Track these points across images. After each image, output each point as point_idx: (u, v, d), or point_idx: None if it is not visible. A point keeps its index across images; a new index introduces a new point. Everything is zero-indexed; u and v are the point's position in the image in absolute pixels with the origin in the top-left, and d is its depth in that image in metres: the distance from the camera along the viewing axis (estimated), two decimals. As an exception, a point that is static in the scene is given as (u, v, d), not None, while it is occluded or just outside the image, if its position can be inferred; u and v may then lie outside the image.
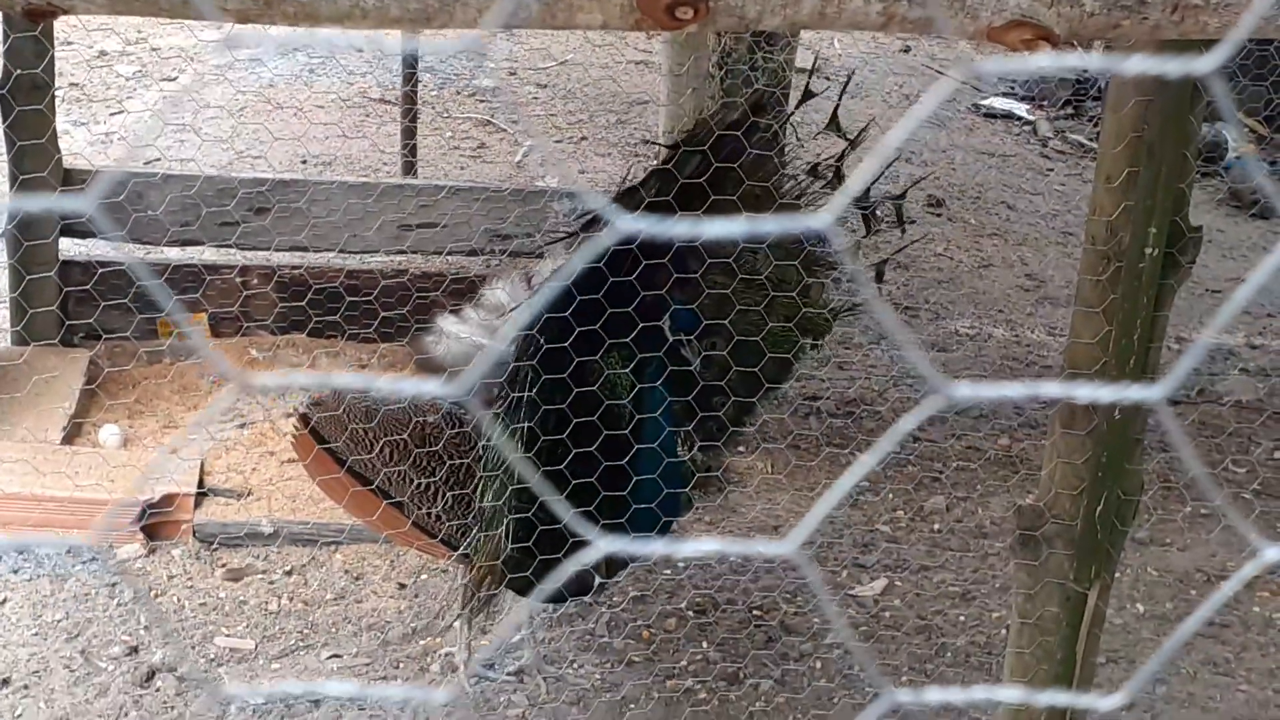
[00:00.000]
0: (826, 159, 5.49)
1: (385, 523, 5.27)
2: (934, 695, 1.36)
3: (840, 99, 5.67)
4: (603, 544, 1.46)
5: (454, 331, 5.40)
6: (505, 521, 4.99)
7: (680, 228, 1.38)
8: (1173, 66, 1.28)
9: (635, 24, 2.12)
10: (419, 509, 5.17)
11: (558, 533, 4.86)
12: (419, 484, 5.15)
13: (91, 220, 6.81)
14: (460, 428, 5.23)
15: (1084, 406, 4.02)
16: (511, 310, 5.29)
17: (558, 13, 2.11)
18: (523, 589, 5.12)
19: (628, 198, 5.12)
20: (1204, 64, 1.24)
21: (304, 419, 5.32)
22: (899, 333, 3.85)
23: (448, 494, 5.15)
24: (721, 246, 5.17)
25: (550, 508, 4.68)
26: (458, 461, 5.17)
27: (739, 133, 5.17)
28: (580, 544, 4.92)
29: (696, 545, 1.37)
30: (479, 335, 5.35)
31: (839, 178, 5.45)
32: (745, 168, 5.19)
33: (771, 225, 1.35)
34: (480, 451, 5.16)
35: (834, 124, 5.61)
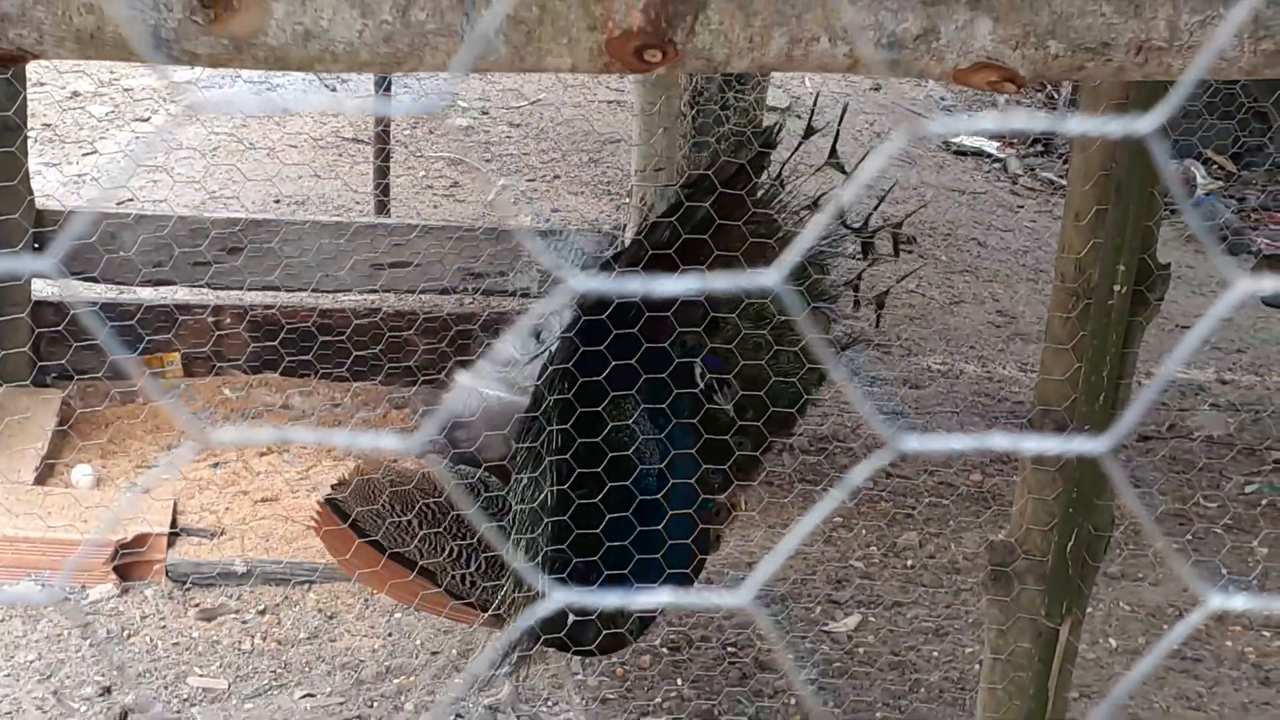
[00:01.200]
0: (826, 193, 5.52)
1: (414, 591, 5.23)
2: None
3: (838, 134, 5.70)
4: (558, 596, 1.47)
5: (470, 386, 5.41)
6: (538, 578, 4.97)
7: (634, 285, 1.39)
8: (1114, 127, 1.30)
9: (604, 67, 2.14)
10: (449, 575, 5.15)
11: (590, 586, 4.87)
12: (450, 549, 5.13)
13: (60, 270, 6.81)
14: (487, 491, 5.22)
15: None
16: (524, 362, 5.30)
17: (526, 56, 2.13)
18: (559, 645, 5.11)
19: (638, 247, 5.18)
20: (1145, 124, 1.26)
21: (332, 503, 5.24)
22: (852, 393, 3.88)
23: (479, 558, 5.13)
24: (727, 295, 5.18)
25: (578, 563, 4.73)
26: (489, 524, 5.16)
27: (748, 175, 5.20)
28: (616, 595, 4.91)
29: (651, 596, 1.38)
30: (495, 388, 5.36)
31: (841, 212, 5.48)
32: (752, 210, 5.23)
33: (721, 283, 1.37)
34: (507, 512, 5.14)
35: (833, 158, 5.63)
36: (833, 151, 5.65)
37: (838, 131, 5.76)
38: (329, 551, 5.35)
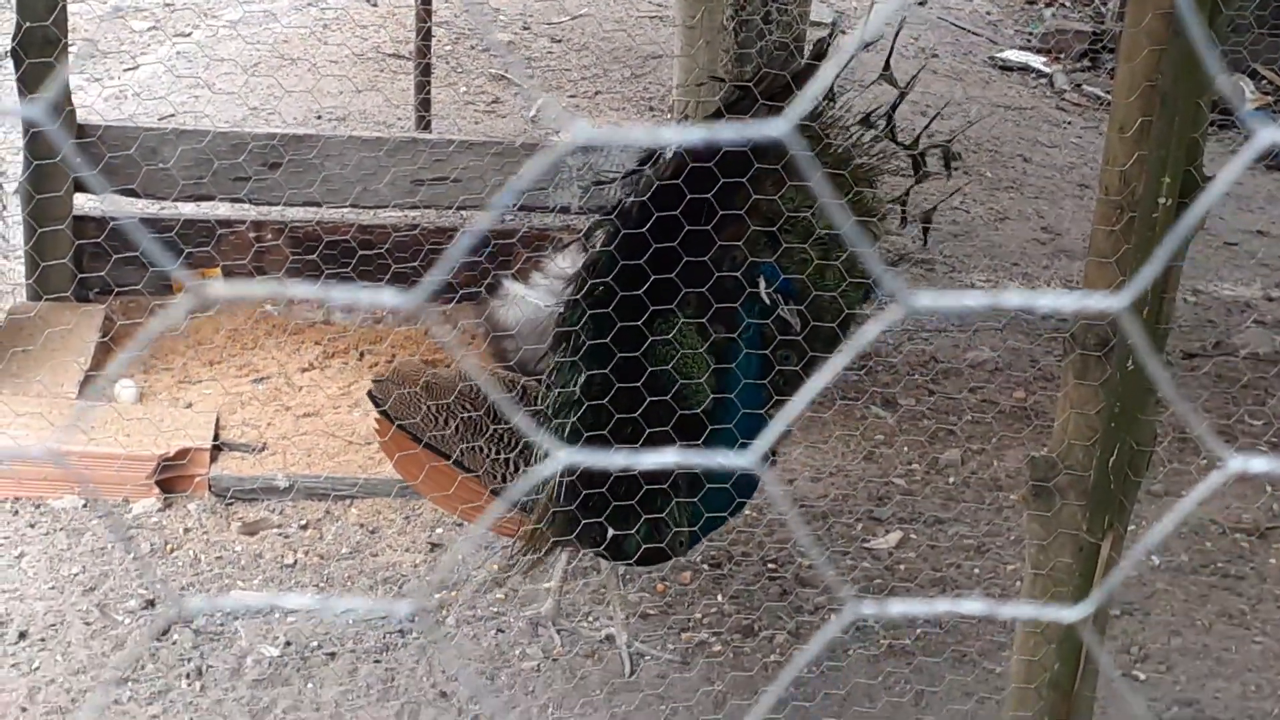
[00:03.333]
0: (878, 109, 5.46)
1: (460, 496, 5.26)
2: (897, 608, 1.36)
3: (892, 48, 5.63)
4: (562, 455, 1.46)
5: (521, 294, 5.41)
6: (565, 474, 4.95)
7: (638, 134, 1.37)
8: None
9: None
10: (494, 481, 5.16)
11: (630, 487, 4.88)
12: (494, 456, 5.15)
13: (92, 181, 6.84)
14: (509, 390, 5.23)
15: (1097, 357, 4.01)
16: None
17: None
18: (596, 547, 5.11)
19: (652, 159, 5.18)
20: None
21: (375, 401, 5.34)
22: (866, 256, 3.84)
23: (521, 466, 5.14)
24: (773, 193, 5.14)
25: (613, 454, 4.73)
26: (507, 423, 5.16)
27: (792, 88, 5.16)
28: (652, 501, 4.93)
29: (657, 457, 1.36)
30: (546, 299, 5.36)
31: (891, 127, 5.43)
32: (806, 125, 5.19)
33: (728, 133, 1.35)
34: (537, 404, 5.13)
35: (886, 72, 5.56)
36: (886, 65, 5.57)
37: (892, 46, 5.69)
38: (401, 473, 5.42)
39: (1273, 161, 10.34)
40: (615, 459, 1.52)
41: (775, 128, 1.30)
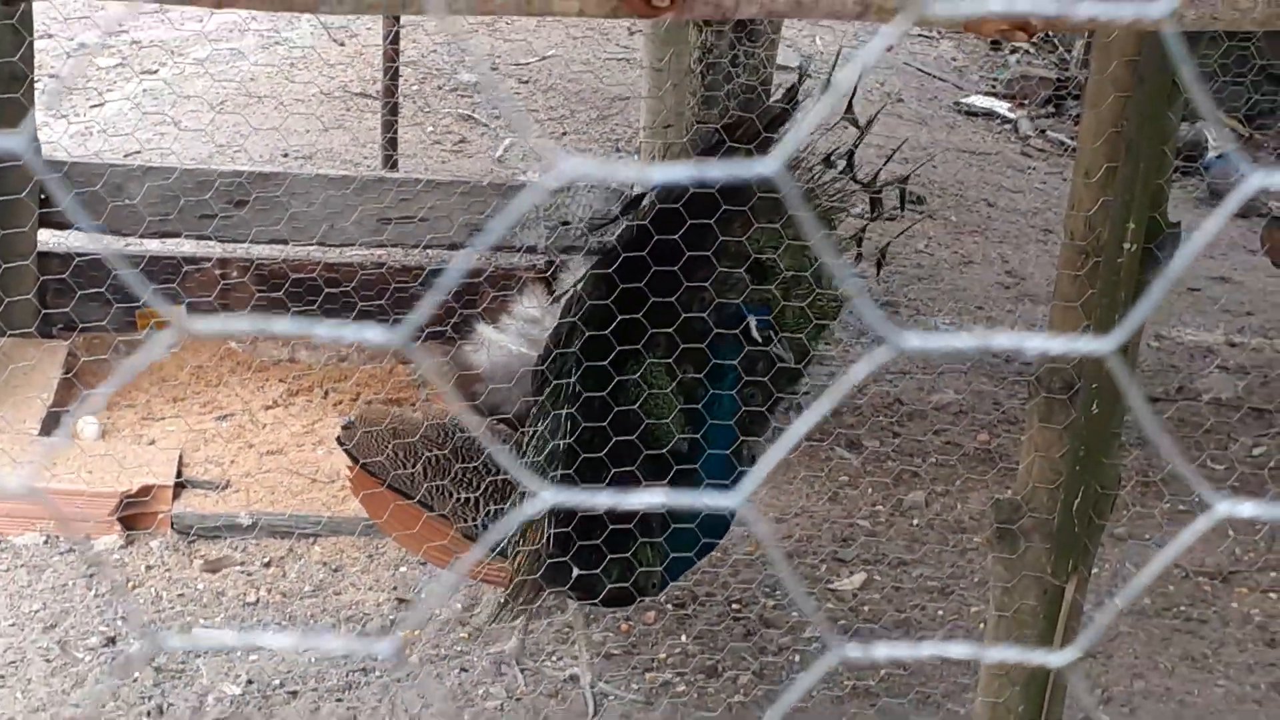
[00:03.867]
0: (838, 149, 5.50)
1: (427, 536, 5.27)
2: (882, 651, 1.36)
3: (854, 91, 5.66)
4: (546, 495, 1.47)
5: (494, 339, 5.42)
6: (545, 519, 4.98)
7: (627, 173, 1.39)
8: (1128, 12, 1.28)
9: (612, 11, 2.12)
10: (461, 521, 5.17)
11: (599, 528, 4.90)
12: (460, 497, 5.16)
13: (68, 211, 6.82)
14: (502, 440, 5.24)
15: (1061, 400, 4.03)
16: (545, 319, 5.32)
17: (534, 0, 2.11)
18: (562, 588, 5.12)
19: (633, 204, 5.23)
20: (1158, 9, 1.24)
21: (347, 437, 5.34)
22: (854, 294, 3.85)
23: (489, 506, 5.15)
24: (739, 230, 5.18)
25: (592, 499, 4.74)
26: (496, 478, 5.17)
27: (769, 130, 5.20)
28: (621, 542, 4.95)
29: (644, 496, 1.37)
30: (518, 344, 5.37)
31: (851, 167, 5.46)
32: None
33: (716, 171, 1.36)
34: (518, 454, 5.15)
35: (849, 114, 5.61)
36: (849, 108, 5.62)
37: (854, 88, 5.72)
38: (368, 510, 5.40)
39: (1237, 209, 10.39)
40: (601, 499, 1.52)
41: (766, 166, 1.31)
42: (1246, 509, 1.34)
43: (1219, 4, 2.05)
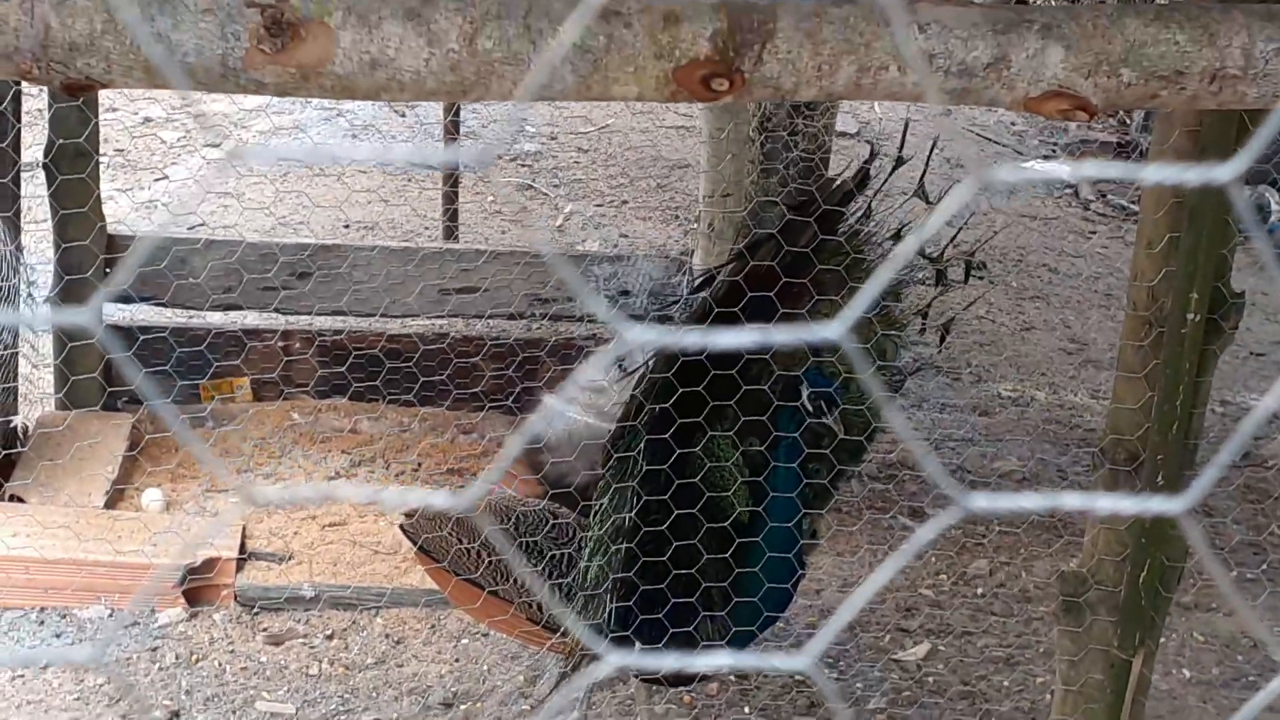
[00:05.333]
0: (908, 224, 5.50)
1: (487, 611, 5.27)
2: None
3: (927, 165, 5.62)
4: (613, 659, 1.46)
5: (559, 410, 5.42)
6: (613, 593, 4.98)
7: (690, 339, 1.39)
8: (1191, 176, 1.27)
9: (671, 96, 2.13)
10: (520, 598, 5.17)
11: (661, 603, 4.88)
12: (517, 578, 5.16)
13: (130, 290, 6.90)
14: (556, 519, 5.23)
15: (1127, 471, 4.00)
16: (610, 389, 5.32)
17: (593, 84, 2.12)
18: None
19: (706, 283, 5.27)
20: (1224, 173, 1.23)
21: (405, 532, 5.35)
22: (917, 450, 3.85)
23: (548, 583, 5.15)
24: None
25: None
26: (557, 552, 5.17)
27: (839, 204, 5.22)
28: (683, 617, 4.94)
29: (710, 659, 1.36)
30: (586, 415, 5.38)
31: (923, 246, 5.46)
32: (843, 239, 5.25)
33: (781, 335, 1.35)
34: (580, 538, 5.15)
35: (920, 190, 5.59)
36: (920, 183, 5.60)
37: (927, 162, 5.68)
38: (434, 582, 5.40)
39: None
40: (667, 660, 1.52)
41: (832, 330, 1.31)
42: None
43: (1281, 82, 2.04)
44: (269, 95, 2.09)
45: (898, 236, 5.46)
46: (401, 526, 5.43)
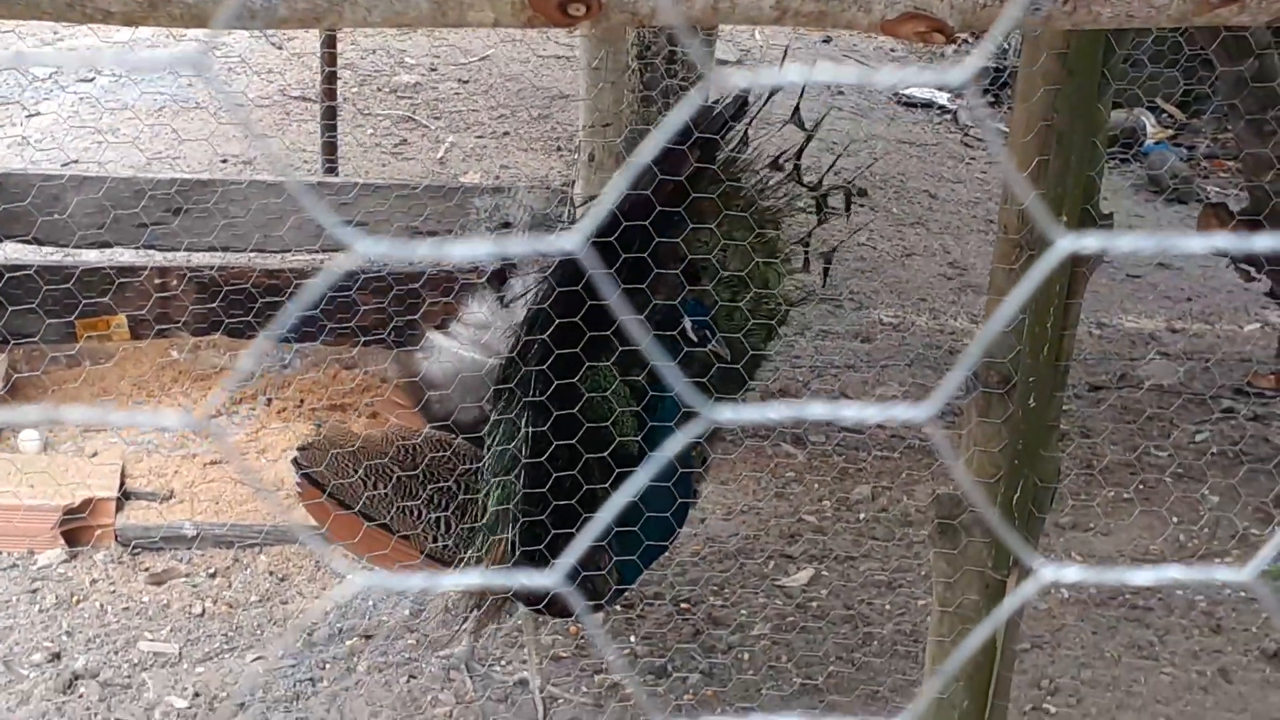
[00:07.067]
0: (785, 151, 5.48)
1: (368, 545, 5.21)
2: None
3: (802, 93, 5.64)
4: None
5: (444, 346, 5.38)
6: (511, 526, 4.96)
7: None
8: (928, 77, 1.27)
9: (528, 21, 2.11)
10: (408, 530, 5.13)
11: (565, 536, 4.86)
12: (402, 507, 5.12)
13: None
14: (444, 450, 5.19)
15: (999, 394, 4.04)
16: (496, 324, 5.29)
17: (448, 10, 2.09)
18: (529, 598, 5.11)
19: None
20: (956, 76, 1.23)
21: (299, 466, 5.25)
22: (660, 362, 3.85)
23: (432, 514, 5.11)
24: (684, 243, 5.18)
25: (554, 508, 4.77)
26: (451, 483, 5.14)
27: (715, 133, 5.18)
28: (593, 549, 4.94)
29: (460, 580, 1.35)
30: (469, 350, 5.34)
31: (797, 169, 5.45)
32: (720, 168, 5.23)
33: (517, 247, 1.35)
34: (472, 465, 5.12)
35: (795, 117, 5.60)
36: (795, 110, 5.60)
37: (801, 91, 5.71)
38: (314, 519, 5.30)
39: (1173, 194, 10.46)
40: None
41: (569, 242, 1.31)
42: (1070, 574, 1.34)
43: (1134, 2, 2.05)
44: (117, 25, 2.05)
45: (775, 164, 5.46)
46: (294, 460, 5.36)
